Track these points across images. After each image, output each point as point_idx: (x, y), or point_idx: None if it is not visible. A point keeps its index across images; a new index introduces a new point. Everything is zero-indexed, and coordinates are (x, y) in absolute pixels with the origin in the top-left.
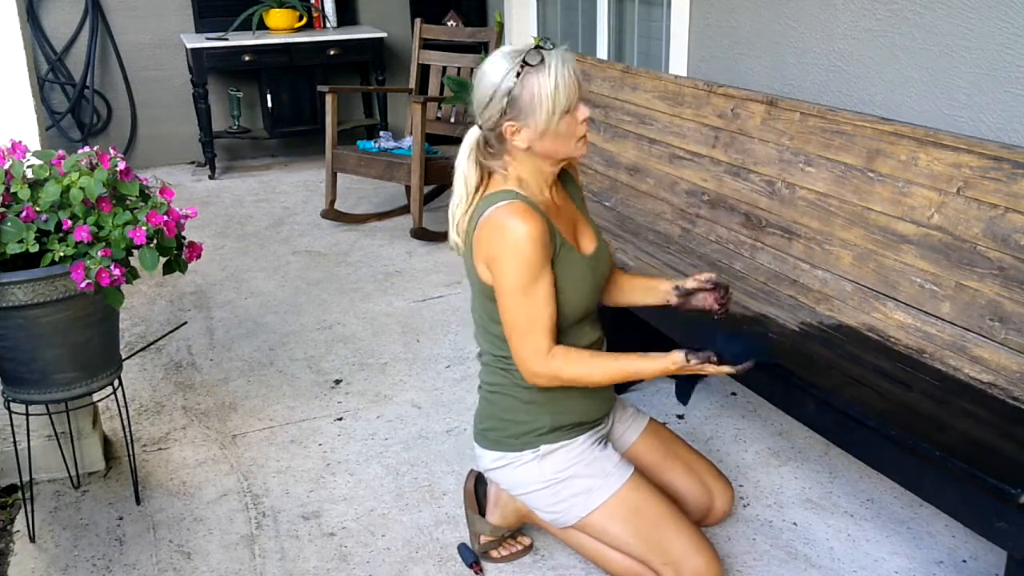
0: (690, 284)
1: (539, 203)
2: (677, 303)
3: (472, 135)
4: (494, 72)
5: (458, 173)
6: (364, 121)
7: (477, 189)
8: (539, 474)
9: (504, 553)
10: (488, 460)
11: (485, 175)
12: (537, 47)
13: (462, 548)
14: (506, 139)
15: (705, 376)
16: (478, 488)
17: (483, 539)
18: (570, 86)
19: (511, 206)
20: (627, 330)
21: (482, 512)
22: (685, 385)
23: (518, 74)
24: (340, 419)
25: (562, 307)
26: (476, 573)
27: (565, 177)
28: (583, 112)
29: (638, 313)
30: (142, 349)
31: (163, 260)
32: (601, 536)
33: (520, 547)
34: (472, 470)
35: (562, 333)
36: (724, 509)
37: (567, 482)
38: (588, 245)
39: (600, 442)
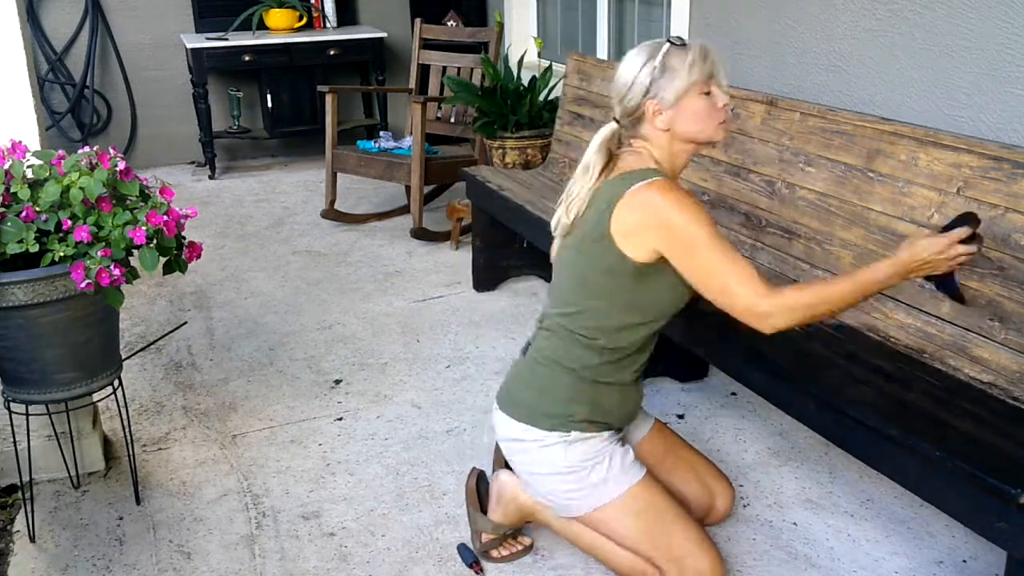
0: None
1: None
2: None
3: (607, 129)
4: (637, 57)
5: (589, 155)
6: (364, 121)
7: (601, 173)
8: (562, 459)
9: (504, 553)
10: (512, 429)
11: (610, 161)
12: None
13: (462, 548)
14: (647, 120)
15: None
16: (480, 486)
17: (484, 537)
18: (706, 64)
19: (667, 183)
20: None
21: (483, 511)
22: (947, 282)
23: (663, 54)
24: (340, 419)
25: (676, 302)
26: (476, 573)
27: None
28: (722, 98)
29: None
30: (142, 349)
31: (163, 260)
32: (607, 529)
33: (520, 547)
34: (474, 468)
35: (649, 333)
36: (725, 509)
37: (587, 472)
38: None
39: (619, 440)
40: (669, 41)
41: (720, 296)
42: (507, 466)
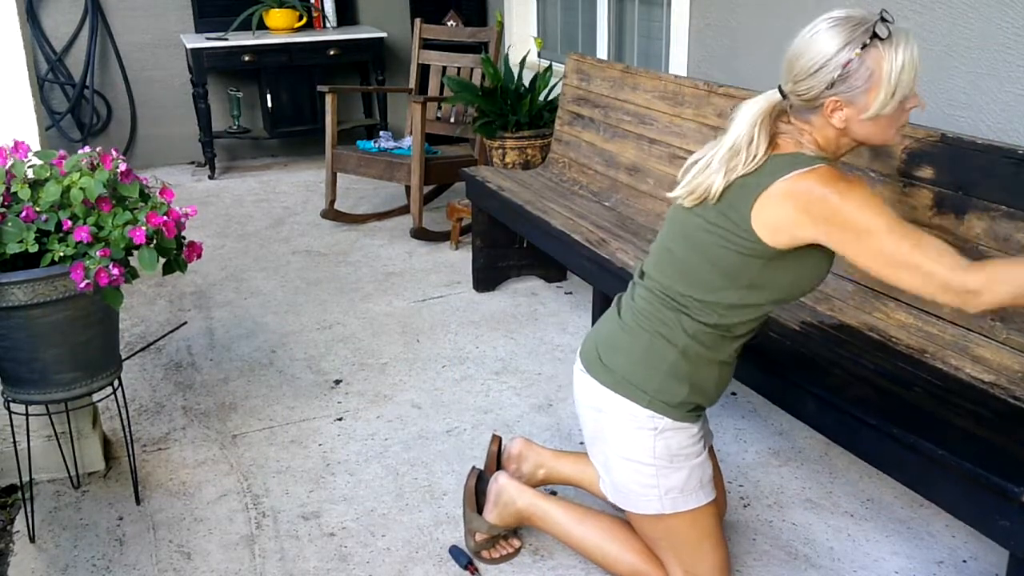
0: None
1: None
2: None
3: (767, 99)
4: (831, 39)
5: (742, 133)
6: (364, 121)
7: (765, 152)
8: (649, 448)
9: (495, 555)
10: (601, 399)
11: (772, 141)
12: (882, 19)
13: (454, 550)
14: (821, 112)
15: None
16: (478, 486)
17: (478, 537)
18: (915, 71)
19: (828, 169)
20: None
21: (480, 511)
22: None
23: (864, 46)
24: (340, 419)
25: (803, 287)
26: (471, 574)
27: None
28: (915, 101)
29: None
30: (142, 349)
31: (163, 260)
32: (653, 532)
33: (511, 549)
34: (474, 468)
35: (761, 315)
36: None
37: (672, 471)
38: None
39: (704, 444)
40: (874, 32)
41: (914, 279)
42: (499, 468)
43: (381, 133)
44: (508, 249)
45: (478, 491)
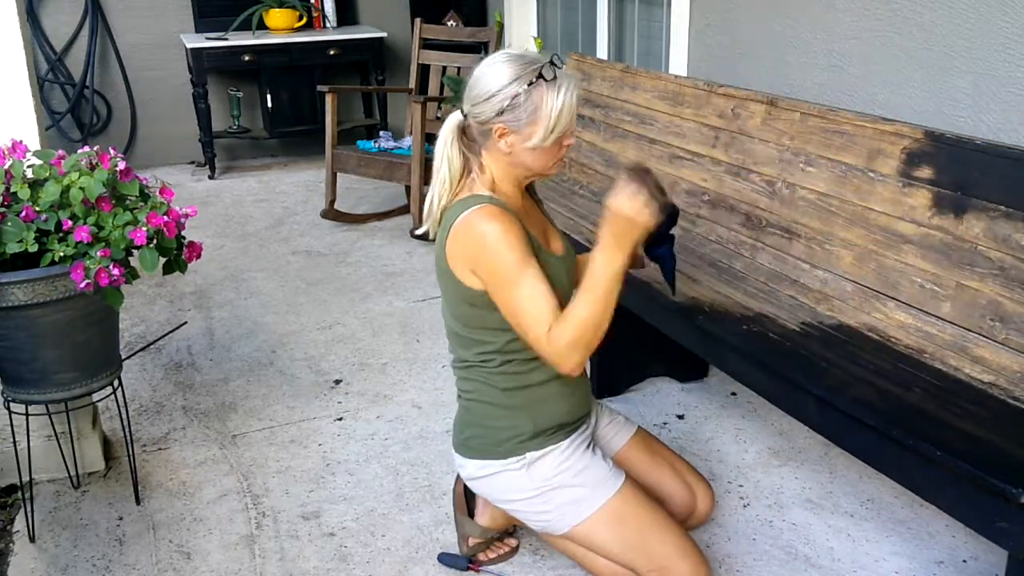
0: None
1: (512, 207)
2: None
3: (453, 120)
4: (503, 72)
5: (440, 156)
6: (364, 121)
7: (461, 175)
8: (527, 482)
9: (492, 556)
10: (472, 469)
11: (467, 163)
12: (551, 63)
13: (444, 557)
14: (492, 135)
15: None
16: (468, 490)
17: (471, 541)
18: (572, 114)
19: (484, 209)
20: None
21: (471, 514)
22: (665, 266)
23: (530, 83)
24: (340, 419)
25: None
26: (475, 573)
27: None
28: (571, 140)
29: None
30: (142, 349)
31: (163, 260)
32: (588, 544)
33: (507, 548)
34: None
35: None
36: (706, 509)
37: (557, 491)
38: (557, 247)
39: (588, 446)
40: (541, 73)
41: (525, 337)
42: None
43: (381, 133)
44: None
45: (467, 495)
